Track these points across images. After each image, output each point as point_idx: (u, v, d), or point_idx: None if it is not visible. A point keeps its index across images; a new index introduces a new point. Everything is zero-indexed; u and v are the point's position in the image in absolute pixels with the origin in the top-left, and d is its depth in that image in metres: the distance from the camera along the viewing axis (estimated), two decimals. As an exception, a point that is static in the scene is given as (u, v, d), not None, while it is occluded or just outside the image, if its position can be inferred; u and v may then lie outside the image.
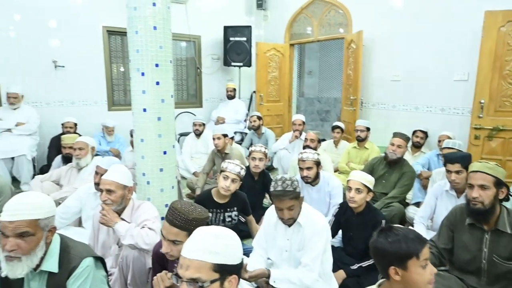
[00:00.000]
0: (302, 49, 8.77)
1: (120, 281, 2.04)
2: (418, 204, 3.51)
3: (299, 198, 2.04)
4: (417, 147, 4.34)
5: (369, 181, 2.45)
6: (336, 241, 2.68)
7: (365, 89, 5.38)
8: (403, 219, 3.30)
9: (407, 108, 4.94)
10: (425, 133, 4.34)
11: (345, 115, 5.78)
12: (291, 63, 6.96)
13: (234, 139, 5.44)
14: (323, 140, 5.77)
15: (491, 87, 3.85)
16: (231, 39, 6.44)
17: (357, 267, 2.34)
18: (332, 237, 2.43)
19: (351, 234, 2.52)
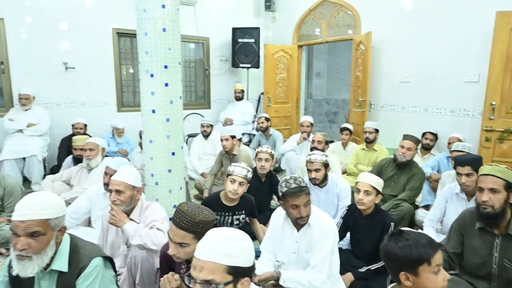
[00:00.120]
0: (310, 51, 8.75)
1: (128, 281, 2.05)
2: (427, 207, 3.47)
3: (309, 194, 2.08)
4: (426, 149, 4.29)
5: (378, 183, 2.44)
6: (344, 244, 2.66)
7: (374, 90, 5.34)
8: (412, 221, 3.26)
9: (417, 109, 4.89)
10: (435, 135, 4.29)
11: (354, 116, 5.75)
12: (299, 64, 6.95)
13: (242, 140, 5.45)
14: (331, 141, 5.75)
15: (502, 89, 3.79)
16: (240, 40, 6.46)
17: (365, 270, 2.32)
18: (340, 239, 2.42)
19: (359, 236, 2.51)
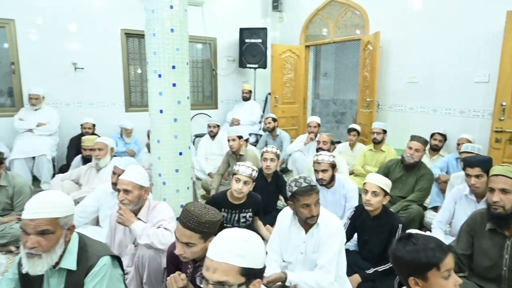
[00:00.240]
0: (317, 51, 8.72)
1: (136, 280, 2.06)
2: (436, 208, 3.44)
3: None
4: (435, 150, 4.25)
5: (386, 184, 2.42)
6: (351, 245, 2.65)
7: (382, 91, 5.31)
8: (421, 223, 3.23)
9: (425, 110, 4.85)
10: (444, 136, 4.25)
11: (361, 117, 5.72)
12: (306, 64, 6.93)
13: (249, 140, 5.45)
14: (338, 142, 5.72)
15: (513, 89, 3.75)
16: (247, 41, 6.47)
17: (372, 272, 2.31)
18: (347, 240, 2.41)
19: (367, 237, 2.49)
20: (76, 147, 4.66)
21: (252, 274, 1.10)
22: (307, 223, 2.06)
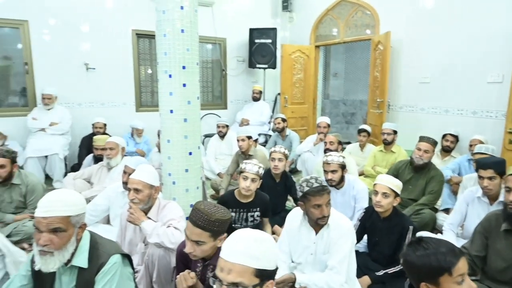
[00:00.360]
0: (327, 51, 8.68)
1: (145, 279, 2.08)
2: (447, 210, 3.40)
3: None
4: (447, 151, 4.19)
5: (397, 185, 2.39)
6: (361, 246, 2.63)
7: (393, 91, 5.26)
8: (434, 226, 3.18)
9: (437, 111, 4.79)
10: (456, 137, 4.19)
11: (372, 117, 5.67)
12: (316, 65, 6.90)
13: (258, 141, 5.46)
14: (348, 143, 5.69)
15: (527, 90, 3.68)
16: (257, 41, 6.47)
17: (382, 274, 2.29)
18: (357, 241, 2.39)
19: (377, 239, 2.47)
20: (87, 146, 4.73)
21: (265, 275, 1.10)
22: (318, 224, 2.04)
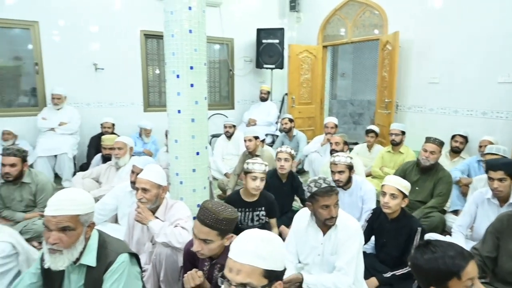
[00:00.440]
0: (335, 51, 8.65)
1: (153, 278, 2.09)
2: (456, 212, 3.36)
3: None
4: (456, 152, 4.14)
5: (405, 186, 2.37)
6: (368, 247, 2.61)
7: (401, 91, 5.22)
8: (443, 228, 3.14)
9: (446, 111, 4.74)
10: (465, 138, 4.14)
11: (379, 118, 5.64)
12: (323, 65, 6.88)
13: (265, 141, 5.46)
14: (356, 143, 5.66)
15: (539, 90, 3.62)
16: (264, 41, 6.47)
17: (390, 275, 2.27)
18: (364, 243, 2.38)
19: (385, 240, 2.45)
20: (96, 146, 4.77)
21: (274, 276, 1.10)
22: (326, 225, 2.03)
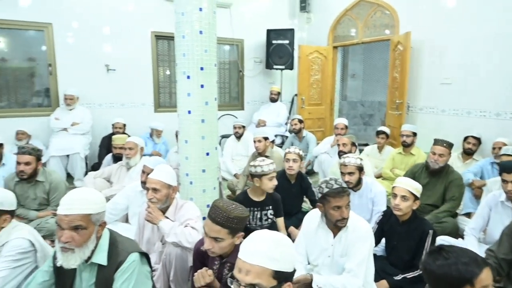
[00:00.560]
0: (345, 52, 8.60)
1: (163, 277, 2.10)
2: (468, 214, 3.30)
3: None
4: (468, 154, 4.07)
5: (416, 188, 2.34)
6: (378, 250, 2.59)
7: (412, 92, 5.16)
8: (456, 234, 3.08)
9: (458, 112, 4.66)
10: (478, 140, 4.06)
11: (390, 119, 5.58)
12: (334, 65, 6.85)
13: (274, 142, 5.45)
14: (366, 144, 5.62)
15: (555, 91, 3.55)
16: (274, 42, 6.46)
17: (401, 278, 2.24)
18: (374, 245, 2.36)
19: (395, 243, 2.42)
20: (107, 146, 4.83)
21: (283, 277, 1.10)
22: (337, 226, 2.02)
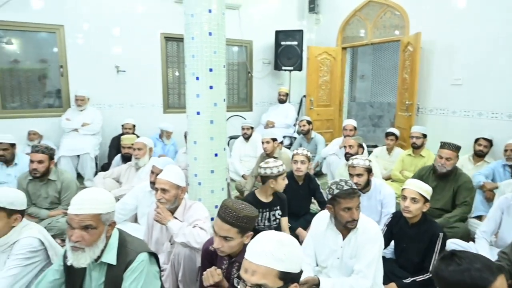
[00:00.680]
0: (354, 52, 8.55)
1: (171, 278, 2.11)
2: (479, 217, 3.26)
3: None
4: (480, 156, 4.01)
5: (426, 190, 2.32)
6: (387, 252, 2.56)
7: (422, 93, 5.11)
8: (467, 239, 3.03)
9: (469, 114, 4.60)
10: (490, 142, 4.00)
11: (400, 120, 5.54)
12: (343, 67, 6.81)
13: (283, 143, 5.44)
14: (375, 146, 5.58)
15: None
16: (283, 43, 6.46)
17: (410, 281, 2.22)
18: (384, 247, 2.34)
19: (405, 245, 2.40)
20: (117, 146, 4.86)
21: (289, 278, 1.10)
22: (347, 228, 2.01)
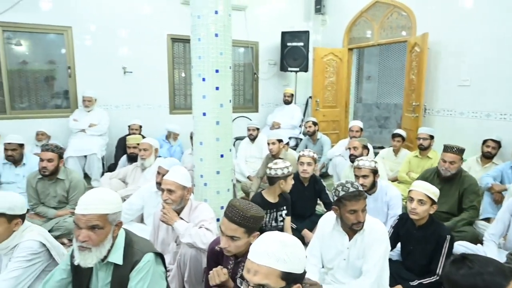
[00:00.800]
0: (361, 53, 8.52)
1: (177, 278, 2.12)
2: (487, 219, 3.22)
3: None
4: (488, 157, 3.97)
5: (434, 192, 2.30)
6: (394, 254, 2.55)
7: (429, 94, 5.08)
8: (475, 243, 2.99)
9: (477, 115, 4.56)
10: (498, 143, 3.96)
11: (407, 122, 5.50)
12: (349, 68, 6.79)
13: (289, 144, 5.44)
14: (381, 147, 5.55)
15: None
16: (288, 44, 6.45)
17: (417, 284, 2.20)
18: (390, 249, 2.32)
19: (411, 247, 2.38)
20: (123, 147, 4.88)
21: (292, 278, 1.10)
22: (352, 229, 2.00)
